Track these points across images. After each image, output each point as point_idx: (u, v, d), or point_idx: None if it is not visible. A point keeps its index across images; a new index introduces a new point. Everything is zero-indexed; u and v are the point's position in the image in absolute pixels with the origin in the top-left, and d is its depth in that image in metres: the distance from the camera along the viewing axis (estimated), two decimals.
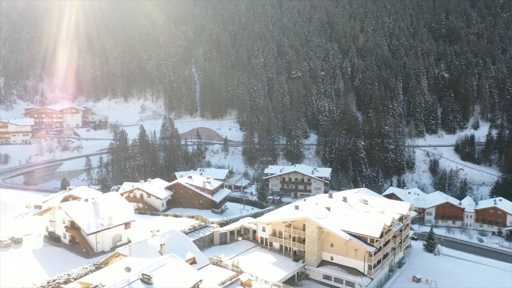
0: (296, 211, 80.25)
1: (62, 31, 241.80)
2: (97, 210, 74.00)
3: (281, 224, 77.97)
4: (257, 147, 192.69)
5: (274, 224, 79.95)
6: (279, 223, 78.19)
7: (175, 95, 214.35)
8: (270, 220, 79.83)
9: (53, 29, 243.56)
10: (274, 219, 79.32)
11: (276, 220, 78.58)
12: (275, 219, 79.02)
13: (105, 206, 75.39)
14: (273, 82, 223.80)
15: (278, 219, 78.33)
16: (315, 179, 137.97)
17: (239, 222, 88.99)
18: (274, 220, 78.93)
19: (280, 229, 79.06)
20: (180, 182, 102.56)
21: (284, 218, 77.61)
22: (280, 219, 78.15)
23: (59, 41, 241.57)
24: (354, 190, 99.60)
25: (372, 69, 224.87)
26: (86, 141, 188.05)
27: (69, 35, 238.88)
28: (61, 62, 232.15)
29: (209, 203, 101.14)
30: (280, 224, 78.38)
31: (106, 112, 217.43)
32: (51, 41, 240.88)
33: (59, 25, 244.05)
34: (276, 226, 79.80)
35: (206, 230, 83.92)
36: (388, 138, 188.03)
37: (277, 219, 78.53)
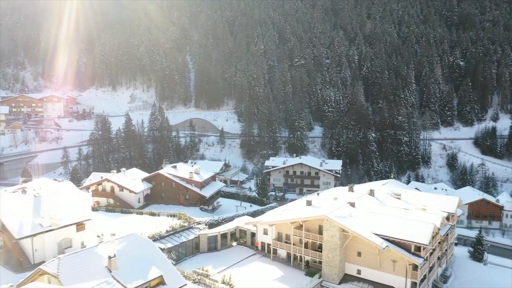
0: (309, 208, 59.68)
1: (47, 16, 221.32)
2: (38, 206, 53.43)
3: (288, 226, 57.51)
4: (257, 140, 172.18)
5: (279, 225, 59.48)
6: (286, 224, 57.74)
7: (167, 83, 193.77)
8: (274, 220, 59.33)
9: (37, 14, 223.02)
10: (279, 219, 58.85)
11: (283, 220, 58.11)
12: (281, 219, 58.55)
13: (51, 201, 54.81)
14: (274, 71, 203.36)
15: (285, 219, 57.83)
16: (324, 172, 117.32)
17: (234, 222, 68.46)
18: (280, 220, 58.46)
19: (287, 231, 58.57)
20: (161, 172, 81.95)
21: (293, 218, 57.10)
22: (287, 218, 57.66)
23: (43, 27, 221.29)
24: (380, 181, 79.13)
25: (381, 57, 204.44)
26: (67, 132, 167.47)
27: (54, 20, 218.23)
28: (45, 48, 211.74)
29: (197, 198, 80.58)
30: (287, 226, 57.91)
31: (92, 102, 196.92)
32: (34, 27, 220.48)
33: (43, 11, 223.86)
34: (282, 228, 59.30)
35: (189, 232, 63.32)
36: (402, 130, 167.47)
37: (284, 219, 58.03)
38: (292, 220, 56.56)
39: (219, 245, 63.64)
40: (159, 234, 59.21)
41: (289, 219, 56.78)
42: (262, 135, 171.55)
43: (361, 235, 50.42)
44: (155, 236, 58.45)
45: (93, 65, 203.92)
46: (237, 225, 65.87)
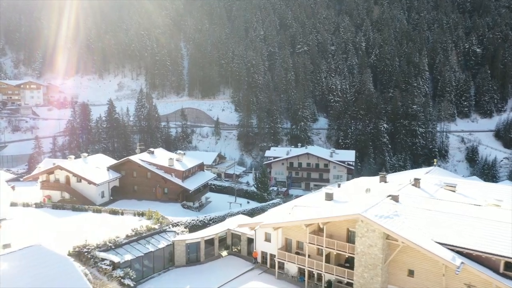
0: (331, 205, 41.01)
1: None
2: None
3: (301, 229, 38.87)
4: (256, 131, 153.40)
5: (288, 229, 40.85)
6: (299, 227, 39.08)
7: (158, 70, 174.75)
8: (281, 221, 40.71)
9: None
10: (288, 220, 40.21)
11: (293, 221, 39.34)
12: (291, 219, 39.85)
13: None
14: (274, 57, 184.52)
15: (297, 219, 39.12)
16: (334, 164, 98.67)
17: (225, 223, 49.89)
18: (289, 221, 39.73)
19: (299, 237, 39.96)
20: (133, 159, 63.19)
21: (309, 218, 38.43)
22: (300, 218, 39.02)
23: (25, 11, 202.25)
24: (419, 170, 60.61)
25: (391, 43, 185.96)
26: (44, 121, 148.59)
27: (36, 4, 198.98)
28: (26, 33, 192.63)
29: (179, 192, 62.00)
30: (299, 229, 39.27)
31: (77, 90, 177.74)
32: (16, 11, 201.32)
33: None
34: (293, 233, 40.68)
35: (161, 238, 44.57)
36: (417, 120, 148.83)
37: (295, 219, 39.29)
38: (307, 221, 37.90)
39: (203, 255, 45.01)
40: (114, 242, 40.53)
41: (303, 219, 38.13)
42: (261, 126, 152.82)
43: (419, 244, 31.77)
44: (107, 245, 39.83)
45: (78, 51, 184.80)
46: (229, 228, 47.24)
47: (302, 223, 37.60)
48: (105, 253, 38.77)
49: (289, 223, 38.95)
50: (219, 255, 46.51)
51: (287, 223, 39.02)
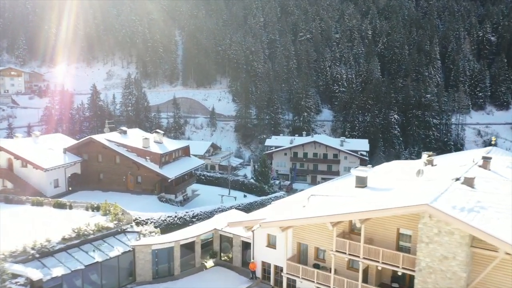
0: (367, 193, 26.99)
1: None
2: None
3: (324, 230, 24.61)
4: (255, 122, 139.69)
5: (301, 230, 26.31)
6: (320, 227, 25.22)
7: (150, 57, 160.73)
8: (292, 218, 26.71)
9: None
10: (304, 215, 26.33)
11: (313, 216, 25.47)
12: (308, 215, 25.99)
13: None
14: (275, 45, 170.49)
15: (319, 215, 25.22)
16: (345, 154, 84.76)
17: (212, 221, 35.91)
18: (306, 218, 25.75)
19: (320, 241, 25.15)
20: (97, 139, 49.01)
21: (340, 211, 24.48)
22: (325, 213, 25.11)
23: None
24: (477, 150, 46.97)
25: (400, 31, 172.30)
26: (23, 110, 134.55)
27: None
28: (10, 19, 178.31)
29: (156, 182, 47.99)
30: (321, 230, 24.91)
31: (62, 79, 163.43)
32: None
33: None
34: (309, 235, 25.79)
35: (117, 242, 30.19)
36: (431, 110, 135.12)
37: (316, 215, 25.42)
38: (336, 216, 23.75)
39: (178, 267, 30.95)
40: (41, 248, 26.57)
41: (329, 214, 24.03)
42: (261, 117, 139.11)
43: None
44: (28, 252, 25.85)
45: (65, 38, 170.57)
46: (216, 228, 33.22)
47: (327, 219, 23.61)
48: (21, 266, 24.84)
49: (305, 220, 24.95)
50: (202, 266, 32.62)
51: (301, 220, 25.03)
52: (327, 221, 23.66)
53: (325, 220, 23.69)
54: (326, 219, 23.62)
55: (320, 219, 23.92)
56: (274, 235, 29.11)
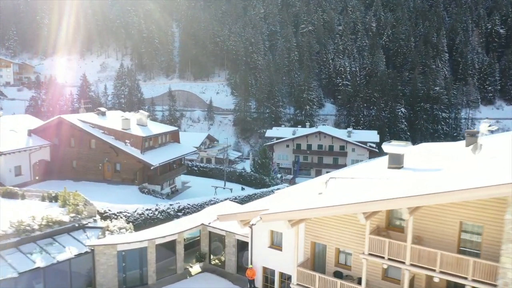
0: (406, 175, 19.48)
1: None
2: None
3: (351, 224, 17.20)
4: (254, 116, 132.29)
5: (317, 224, 18.79)
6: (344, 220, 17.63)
7: (145, 48, 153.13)
8: (306, 208, 19.14)
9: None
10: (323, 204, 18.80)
11: (337, 205, 17.75)
12: (330, 203, 18.38)
13: None
14: (276, 38, 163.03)
15: (347, 202, 17.63)
16: (353, 145, 77.26)
17: (200, 215, 28.19)
18: (326, 207, 18.15)
19: (343, 241, 17.94)
20: (68, 119, 41.49)
21: (380, 197, 16.58)
22: (356, 200, 17.49)
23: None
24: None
25: (405, 23, 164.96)
26: (10, 102, 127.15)
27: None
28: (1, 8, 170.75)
29: (137, 170, 40.43)
30: (345, 225, 17.57)
31: (55, 71, 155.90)
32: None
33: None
34: (329, 232, 18.47)
35: (72, 241, 22.64)
36: (440, 104, 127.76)
37: (342, 203, 17.77)
38: (373, 204, 16.22)
39: (153, 273, 23.28)
40: None
41: (362, 201, 16.48)
42: (261, 110, 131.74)
43: None
44: None
45: (58, 29, 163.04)
46: (203, 223, 25.66)
47: (359, 209, 16.09)
48: None
49: (325, 211, 17.42)
50: (186, 273, 25.19)
51: (320, 210, 17.49)
52: (359, 210, 16.15)
53: (356, 209, 16.18)
54: (357, 208, 16.11)
55: (349, 208, 16.40)
56: (279, 233, 21.68)
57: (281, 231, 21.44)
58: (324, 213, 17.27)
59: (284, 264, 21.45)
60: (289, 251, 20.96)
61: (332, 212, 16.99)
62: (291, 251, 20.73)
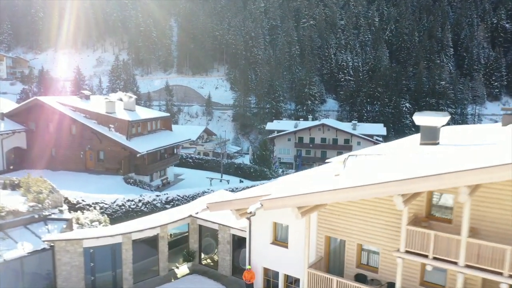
0: (442, 151, 14.94)
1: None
2: None
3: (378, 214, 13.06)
4: (254, 111, 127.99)
5: (335, 214, 14.78)
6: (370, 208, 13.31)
7: (142, 42, 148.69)
8: (322, 190, 14.34)
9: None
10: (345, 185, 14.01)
11: (367, 184, 12.79)
12: (355, 183, 13.49)
13: None
14: (277, 32, 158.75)
15: (385, 181, 12.87)
16: (359, 138, 72.86)
17: (190, 206, 23.69)
18: (354, 188, 13.51)
19: (370, 236, 14.14)
20: (45, 101, 37.03)
21: (428, 172, 11.74)
22: (401, 177, 12.55)
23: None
24: None
25: (409, 17, 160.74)
26: (2, 95, 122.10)
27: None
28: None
29: (122, 158, 35.95)
30: (371, 215, 13.53)
31: (49, 65, 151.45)
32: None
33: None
34: (350, 223, 15.04)
35: (28, 234, 18.11)
36: (446, 99, 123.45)
37: (378, 182, 13.04)
38: (418, 183, 11.66)
39: (128, 276, 18.68)
40: None
41: (403, 178, 11.99)
42: (261, 105, 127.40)
43: None
44: None
45: (53, 23, 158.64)
46: (192, 215, 21.13)
47: (399, 189, 11.66)
48: None
49: (350, 193, 12.97)
50: (171, 275, 20.76)
51: (341, 192, 13.06)
52: (397, 191, 11.72)
53: (394, 189, 11.74)
54: (396, 188, 11.67)
55: (383, 188, 11.94)
56: (285, 225, 17.28)
57: (287, 223, 17.04)
58: (348, 196, 12.83)
59: (291, 264, 17.07)
60: (297, 248, 16.57)
61: (359, 194, 12.54)
62: (299, 249, 16.34)
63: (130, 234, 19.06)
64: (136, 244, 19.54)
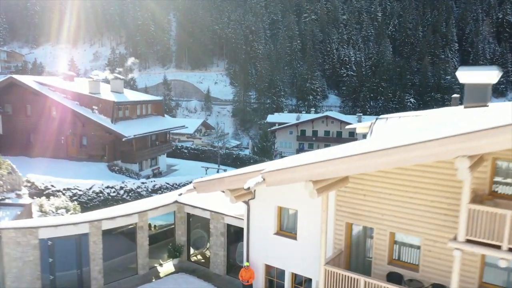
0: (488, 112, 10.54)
1: None
2: None
3: (421, 189, 9.20)
4: (255, 106, 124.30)
5: (358, 195, 11.21)
6: (409, 181, 9.34)
7: (140, 36, 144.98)
8: (361, 153, 10.07)
9: None
10: (387, 145, 9.32)
11: (434, 139, 8.22)
12: (403, 141, 9.03)
13: None
14: (277, 27, 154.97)
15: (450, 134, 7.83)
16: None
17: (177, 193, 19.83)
18: (405, 147, 9.02)
19: (407, 221, 10.20)
20: (22, 80, 33.33)
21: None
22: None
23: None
24: None
25: (412, 12, 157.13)
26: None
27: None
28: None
29: (107, 143, 32.23)
30: (408, 192, 9.61)
31: (45, 59, 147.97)
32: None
33: None
34: (381, 204, 11.07)
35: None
36: (452, 94, 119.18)
37: (440, 136, 8.08)
38: None
39: (97, 275, 14.69)
40: None
41: (483, 128, 8.04)
42: (261, 100, 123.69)
43: None
44: None
45: (49, 17, 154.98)
46: (178, 201, 17.27)
47: (468, 144, 7.98)
48: None
49: (388, 156, 9.24)
50: (152, 273, 17.00)
51: (376, 155, 9.38)
52: (460, 151, 7.95)
53: (455, 148, 7.97)
54: (459, 145, 7.91)
55: (438, 147, 8.18)
56: (293, 210, 13.51)
57: (295, 207, 13.28)
58: (385, 160, 9.02)
59: (300, 260, 13.33)
60: (309, 239, 12.83)
61: (402, 158, 8.75)
62: (312, 240, 12.61)
63: (100, 222, 15.29)
64: (108, 236, 15.81)
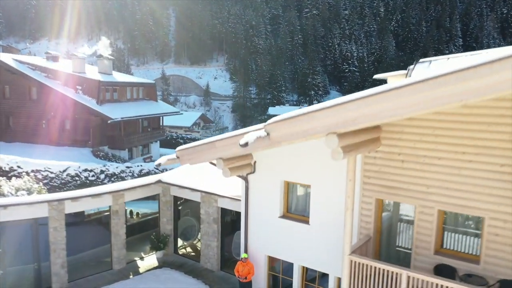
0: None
1: None
2: None
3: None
4: (255, 102, 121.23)
5: (396, 162, 8.17)
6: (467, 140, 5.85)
7: (138, 30, 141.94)
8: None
9: None
10: None
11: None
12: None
13: None
14: (278, 22, 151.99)
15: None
16: None
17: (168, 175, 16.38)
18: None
19: (468, 195, 6.70)
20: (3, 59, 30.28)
21: None
22: None
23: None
24: None
25: (415, 7, 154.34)
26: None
27: None
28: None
29: (92, 126, 29.17)
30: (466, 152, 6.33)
31: (42, 55, 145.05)
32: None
33: None
34: (426, 172, 7.96)
35: None
36: None
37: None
38: None
39: (59, 270, 11.40)
40: None
41: None
42: (262, 96, 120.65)
43: None
44: None
45: (46, 11, 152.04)
46: (161, 180, 14.06)
47: None
48: None
49: (446, 86, 6.24)
50: (131, 268, 13.91)
51: (431, 83, 6.40)
52: None
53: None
54: None
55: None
56: (304, 186, 10.43)
57: (307, 181, 10.18)
58: (466, 87, 5.97)
59: (314, 250, 10.25)
60: (326, 223, 9.75)
61: (498, 79, 5.73)
62: (330, 224, 9.54)
63: (61, 203, 12.22)
64: (77, 224, 12.78)
